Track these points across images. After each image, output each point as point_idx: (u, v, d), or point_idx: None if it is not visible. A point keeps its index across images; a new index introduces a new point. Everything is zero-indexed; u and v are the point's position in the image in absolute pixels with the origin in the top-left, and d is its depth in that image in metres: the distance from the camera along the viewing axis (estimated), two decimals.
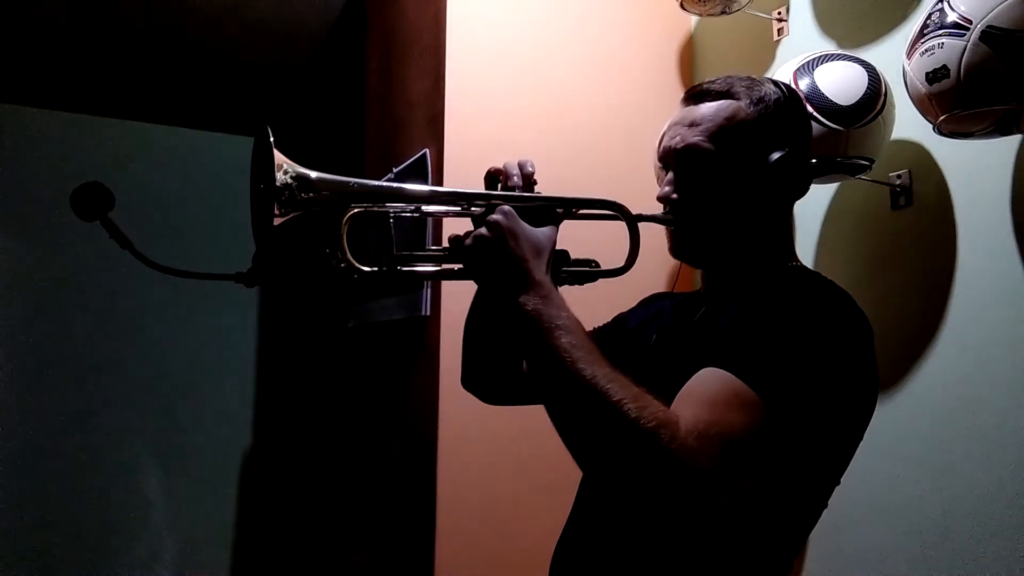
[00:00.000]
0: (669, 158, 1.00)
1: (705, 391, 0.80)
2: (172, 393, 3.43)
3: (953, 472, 1.35)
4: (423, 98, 1.94)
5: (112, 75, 3.14)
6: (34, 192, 3.27)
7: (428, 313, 1.80)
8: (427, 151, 1.84)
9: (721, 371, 0.81)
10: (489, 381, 1.18)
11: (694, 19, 2.07)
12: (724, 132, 0.96)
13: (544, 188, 1.01)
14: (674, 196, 0.99)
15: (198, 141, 3.62)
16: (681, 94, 1.05)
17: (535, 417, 0.92)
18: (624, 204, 0.99)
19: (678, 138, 0.99)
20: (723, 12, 1.76)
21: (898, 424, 1.44)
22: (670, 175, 1.00)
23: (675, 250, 1.03)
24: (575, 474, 1.11)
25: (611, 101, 1.95)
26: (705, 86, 1.01)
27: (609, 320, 1.21)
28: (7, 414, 3.18)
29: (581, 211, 0.98)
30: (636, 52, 2.02)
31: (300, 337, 3.70)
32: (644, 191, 1.15)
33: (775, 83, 1.02)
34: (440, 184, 1.78)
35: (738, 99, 0.98)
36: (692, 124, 0.98)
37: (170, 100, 3.41)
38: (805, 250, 1.67)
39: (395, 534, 1.94)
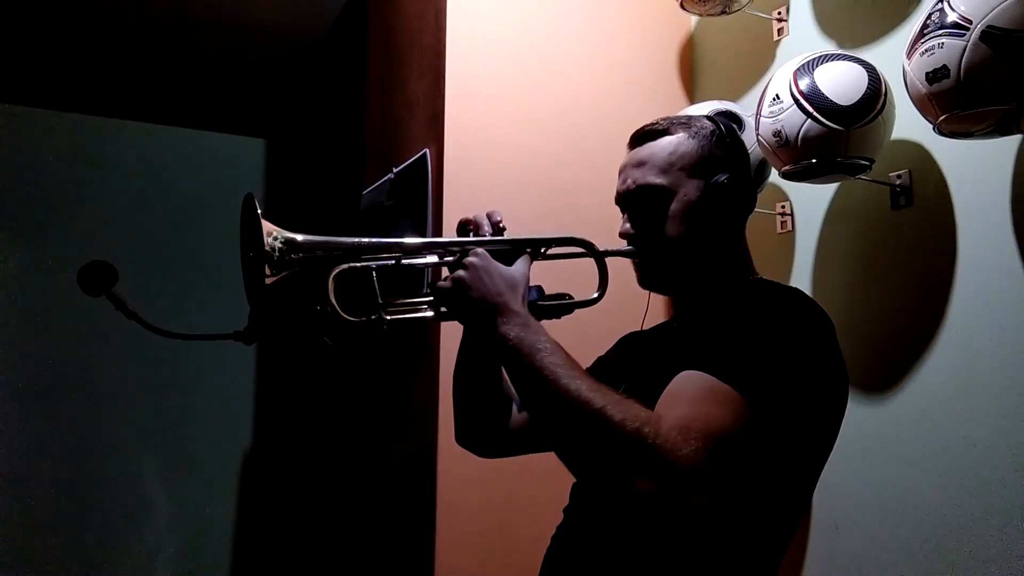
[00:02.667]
0: (623, 199, 1.10)
1: (684, 391, 0.84)
2: (172, 394, 3.43)
3: (952, 473, 1.35)
4: (423, 98, 1.94)
5: (112, 75, 3.14)
6: (34, 192, 3.27)
7: None
8: (427, 151, 1.84)
9: (698, 372, 0.85)
10: (480, 435, 1.23)
11: (694, 19, 2.07)
12: (669, 165, 1.06)
13: (543, 187, 1.03)
14: (633, 232, 1.08)
15: (198, 141, 3.62)
16: (681, 94, 1.11)
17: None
18: (590, 240, 1.08)
19: (629, 180, 1.08)
20: (723, 12, 1.76)
21: (897, 425, 1.44)
22: (627, 215, 1.09)
23: (642, 280, 1.11)
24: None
25: (611, 101, 1.95)
26: (647, 128, 1.10)
27: (590, 364, 1.23)
28: (8, 416, 3.18)
29: (551, 250, 1.06)
30: (636, 52, 2.02)
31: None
32: None
33: (710, 118, 1.11)
34: (440, 188, 1.78)
35: (677, 134, 1.07)
36: (639, 164, 1.07)
37: (170, 100, 3.41)
38: (805, 250, 1.67)
39: (395, 534, 1.94)
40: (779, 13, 1.80)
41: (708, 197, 1.04)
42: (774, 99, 1.44)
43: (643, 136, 1.09)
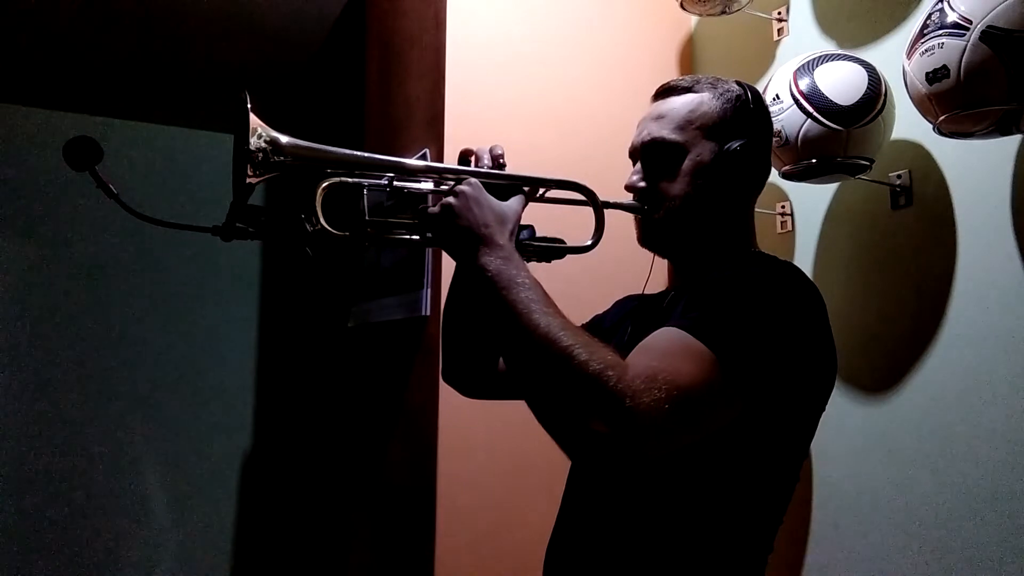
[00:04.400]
0: (636, 151, 1.07)
1: (657, 344, 0.84)
2: (172, 394, 3.43)
3: (953, 472, 1.35)
4: (423, 98, 1.94)
5: (112, 75, 3.14)
6: (34, 192, 3.28)
7: (428, 313, 1.80)
8: (427, 151, 1.84)
9: (673, 329, 0.84)
10: (467, 373, 1.21)
11: (694, 19, 2.07)
12: (687, 123, 1.03)
13: None
14: (641, 184, 1.06)
15: (198, 141, 3.63)
16: None
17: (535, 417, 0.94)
18: (591, 187, 1.06)
19: (645, 132, 1.06)
20: (723, 12, 1.76)
21: (897, 424, 1.45)
22: (638, 165, 1.07)
23: (643, 238, 1.08)
24: None
25: (611, 101, 1.95)
26: (672, 83, 1.07)
27: (587, 321, 1.22)
28: (6, 416, 3.18)
29: (549, 193, 1.05)
30: (636, 52, 2.02)
31: (300, 337, 3.70)
32: None
33: (739, 82, 1.08)
34: None
35: (701, 93, 1.04)
36: (659, 117, 1.05)
37: (170, 100, 3.41)
38: (805, 250, 1.68)
39: (395, 534, 1.94)
40: (779, 13, 1.80)
41: (720, 162, 1.02)
42: (774, 99, 1.44)
43: (667, 91, 1.07)
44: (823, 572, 1.56)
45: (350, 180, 0.95)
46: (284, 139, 0.91)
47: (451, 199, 0.93)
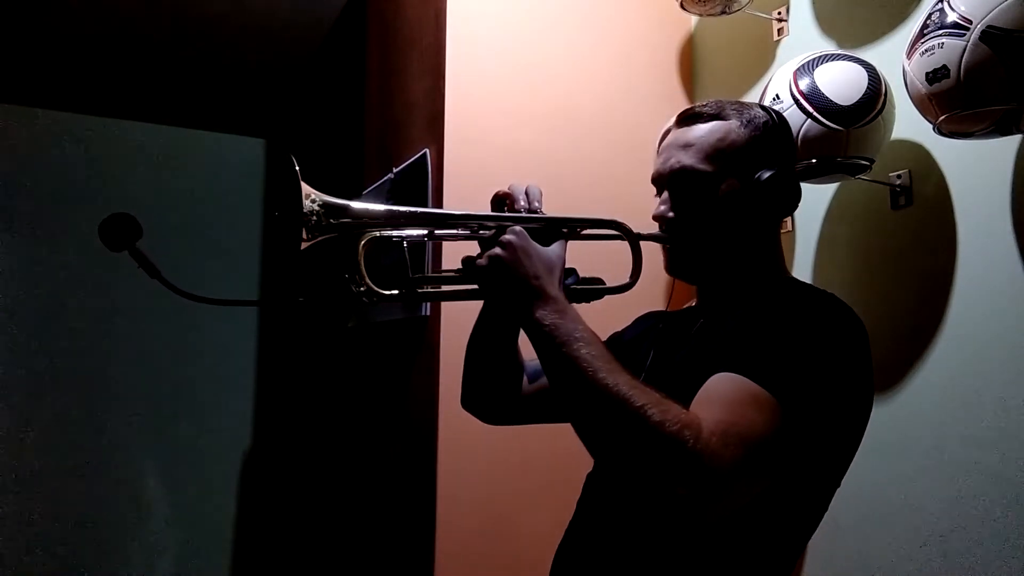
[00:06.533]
0: (663, 179, 1.04)
1: (722, 394, 0.82)
2: (173, 394, 3.43)
3: (952, 473, 1.35)
4: (423, 98, 1.94)
5: (112, 75, 3.15)
6: (34, 192, 3.28)
7: (428, 313, 1.80)
8: (427, 151, 1.84)
9: (734, 375, 0.83)
10: (489, 401, 1.20)
11: (694, 19, 2.07)
12: (716, 152, 1.01)
13: (544, 187, 1.03)
14: (670, 215, 1.03)
15: (198, 141, 3.63)
16: (681, 94, 1.09)
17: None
18: (625, 223, 1.04)
19: (673, 160, 1.03)
20: (723, 12, 1.76)
21: (897, 425, 1.44)
22: (665, 195, 1.04)
23: (671, 267, 1.07)
24: (575, 474, 1.12)
25: (611, 101, 1.95)
26: (697, 109, 1.05)
27: (605, 339, 1.21)
28: (8, 416, 3.18)
29: (585, 230, 1.02)
30: (636, 52, 2.02)
31: (300, 337, 3.70)
32: (643, 192, 1.16)
33: (763, 107, 1.07)
34: (440, 188, 1.78)
35: (729, 120, 1.02)
36: (685, 145, 1.02)
37: (170, 100, 3.41)
38: (805, 250, 1.67)
39: (395, 534, 1.94)
40: (779, 13, 1.80)
41: (751, 191, 1.00)
42: (774, 99, 1.44)
43: (692, 116, 1.04)
44: (823, 572, 1.56)
45: (387, 235, 0.93)
46: (341, 202, 0.89)
47: (498, 250, 0.91)
